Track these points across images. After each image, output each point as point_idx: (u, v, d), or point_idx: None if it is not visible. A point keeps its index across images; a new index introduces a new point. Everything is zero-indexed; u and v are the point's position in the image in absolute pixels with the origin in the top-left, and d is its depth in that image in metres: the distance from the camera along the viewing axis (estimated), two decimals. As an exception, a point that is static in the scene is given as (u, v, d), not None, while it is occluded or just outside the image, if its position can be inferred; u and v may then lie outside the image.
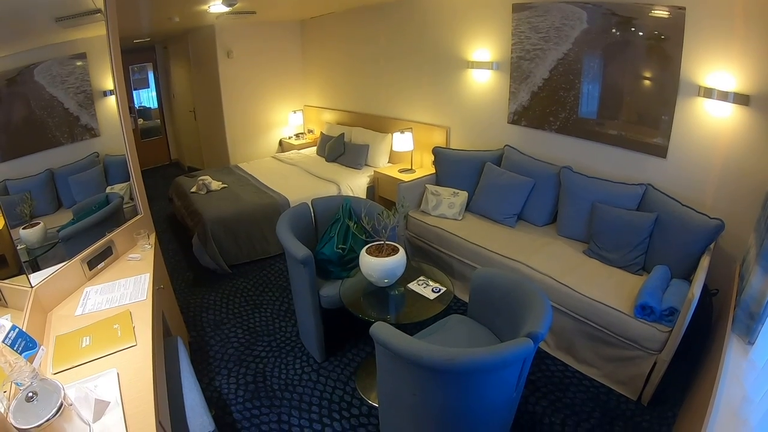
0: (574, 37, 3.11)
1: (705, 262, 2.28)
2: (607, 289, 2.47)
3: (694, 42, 2.52)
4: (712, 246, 2.40)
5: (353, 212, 2.90)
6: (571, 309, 2.52)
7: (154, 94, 7.79)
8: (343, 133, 5.37)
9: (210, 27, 5.67)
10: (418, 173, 4.29)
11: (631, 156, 2.97)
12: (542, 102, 3.42)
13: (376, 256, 2.22)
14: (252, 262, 4.09)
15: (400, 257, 2.23)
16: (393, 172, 4.49)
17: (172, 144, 8.01)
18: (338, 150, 5.24)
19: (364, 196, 4.69)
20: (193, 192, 4.59)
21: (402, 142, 4.30)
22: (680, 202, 2.56)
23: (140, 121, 7.91)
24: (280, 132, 6.54)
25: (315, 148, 5.86)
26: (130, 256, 2.41)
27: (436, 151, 3.72)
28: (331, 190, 4.47)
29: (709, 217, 2.39)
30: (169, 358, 1.95)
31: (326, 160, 5.37)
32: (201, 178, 4.64)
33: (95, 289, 2.08)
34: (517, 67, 3.51)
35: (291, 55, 6.27)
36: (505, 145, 3.59)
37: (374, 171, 4.68)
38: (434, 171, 3.78)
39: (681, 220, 2.49)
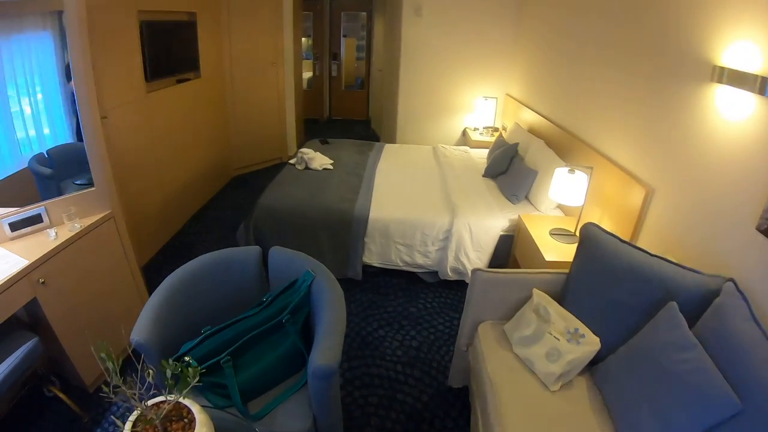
0: None
1: None
2: None
3: None
4: None
5: (305, 302, 1.62)
6: None
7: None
8: (517, 144, 3.77)
9: (399, -27, 4.71)
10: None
11: None
12: None
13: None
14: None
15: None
16: (542, 227, 2.79)
17: (372, 101, 7.56)
18: (501, 165, 3.71)
19: (491, 248, 3.13)
20: (290, 163, 3.88)
21: (566, 186, 2.55)
22: None
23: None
24: (465, 120, 5.22)
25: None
26: (50, 232, 2.05)
27: (585, 233, 1.94)
28: (436, 224, 3.09)
29: None
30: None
31: (482, 174, 3.90)
32: (303, 150, 3.86)
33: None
34: None
35: (499, 24, 4.75)
36: (729, 279, 1.58)
37: (520, 216, 3.03)
38: (569, 269, 2.01)
39: None
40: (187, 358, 1.48)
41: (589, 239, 1.89)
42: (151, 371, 1.13)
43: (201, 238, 3.83)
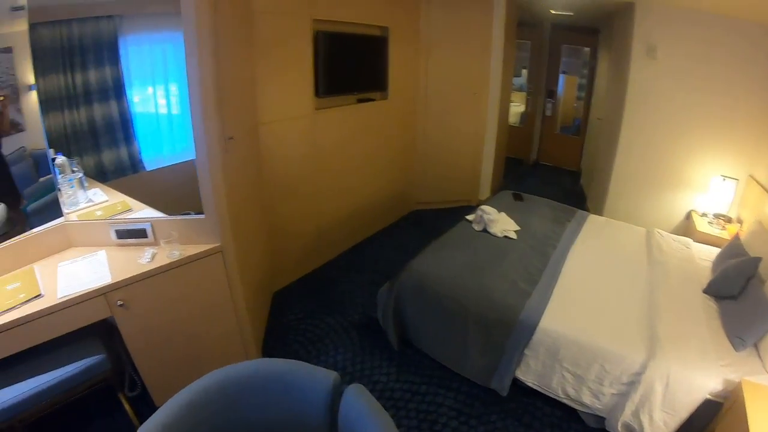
0: None
1: None
2: None
3: None
4: None
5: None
6: None
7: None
8: (759, 260, 2.74)
9: (629, 5, 3.89)
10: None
11: None
12: None
13: None
14: (435, 363, 2.88)
15: None
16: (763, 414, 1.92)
17: (586, 151, 6.67)
18: (732, 285, 2.72)
19: (686, 414, 2.24)
20: (467, 219, 3.55)
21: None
22: None
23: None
24: (693, 200, 4.13)
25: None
26: (146, 252, 2.04)
27: None
28: (625, 360, 2.32)
29: None
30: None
31: (702, 290, 2.94)
32: (484, 207, 3.47)
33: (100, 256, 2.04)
34: None
35: (751, 84, 3.57)
36: None
37: (742, 382, 2.12)
38: None
39: None
40: None
41: None
42: None
43: (348, 276, 3.69)
